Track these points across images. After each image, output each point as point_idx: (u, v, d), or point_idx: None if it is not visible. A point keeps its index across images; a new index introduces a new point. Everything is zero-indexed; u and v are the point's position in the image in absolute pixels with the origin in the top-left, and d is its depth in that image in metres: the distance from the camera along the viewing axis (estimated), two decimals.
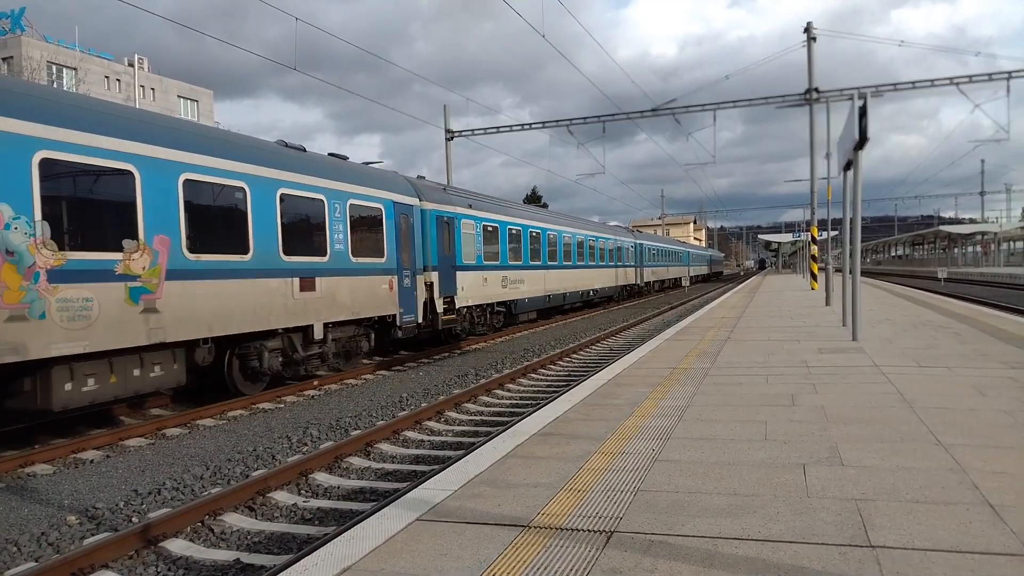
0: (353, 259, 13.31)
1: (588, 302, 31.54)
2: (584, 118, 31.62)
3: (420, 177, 18.33)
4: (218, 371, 11.02)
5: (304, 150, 13.00)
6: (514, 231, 22.11)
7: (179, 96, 60.67)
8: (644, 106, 30.39)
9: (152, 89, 58.40)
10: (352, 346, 13.75)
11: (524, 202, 47.52)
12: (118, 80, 56.06)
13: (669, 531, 3.58)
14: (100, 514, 6.30)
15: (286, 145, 12.68)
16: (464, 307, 18.06)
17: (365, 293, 13.65)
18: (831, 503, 3.88)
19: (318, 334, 12.33)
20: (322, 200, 12.61)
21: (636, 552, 3.34)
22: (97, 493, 6.88)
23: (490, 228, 20.10)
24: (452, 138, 32.74)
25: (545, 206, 61.24)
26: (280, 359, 11.78)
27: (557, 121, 32.10)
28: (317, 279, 12.25)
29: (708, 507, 3.91)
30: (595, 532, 3.61)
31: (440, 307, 16.54)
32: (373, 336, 14.36)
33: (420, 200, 16.14)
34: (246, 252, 10.80)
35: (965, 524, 3.52)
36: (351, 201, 13.41)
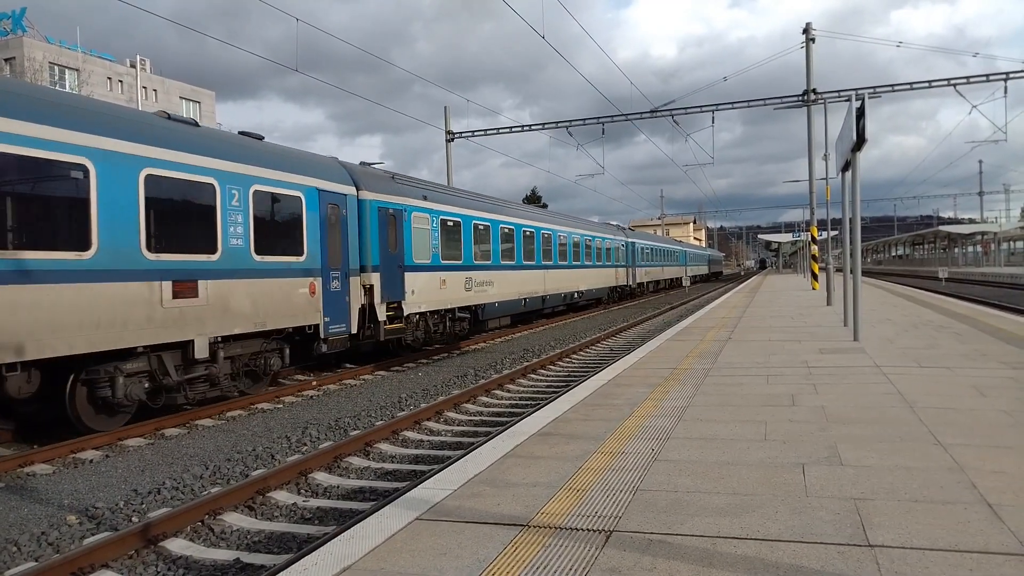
0: (257, 257, 10.90)
1: (572, 305, 29.28)
2: (583, 119, 31.70)
3: (362, 163, 15.90)
4: (63, 401, 8.75)
5: (196, 124, 10.77)
6: (481, 227, 19.57)
7: (181, 97, 60.78)
8: (644, 107, 30.44)
9: (154, 90, 58.52)
10: (258, 364, 11.38)
11: (524, 202, 46.34)
12: (120, 81, 56.16)
13: (668, 530, 3.59)
14: (100, 514, 6.31)
15: (168, 117, 10.34)
16: (415, 314, 15.63)
17: (275, 299, 11.24)
18: (830, 502, 3.89)
19: (202, 351, 9.89)
20: (212, 184, 10.19)
21: (635, 551, 3.34)
22: (97, 493, 6.88)
23: (451, 223, 17.70)
24: (452, 139, 32.77)
25: (545, 206, 60.93)
26: (146, 385, 9.36)
27: (556, 122, 32.17)
28: (201, 282, 9.84)
29: (707, 506, 3.91)
30: (594, 531, 3.62)
31: (383, 314, 14.09)
32: (288, 351, 11.92)
33: (358, 189, 13.81)
34: (86, 248, 8.44)
35: (963, 523, 3.53)
36: (256, 187, 10.99)
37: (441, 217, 17.19)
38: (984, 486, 4.07)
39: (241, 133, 12.12)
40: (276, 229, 11.63)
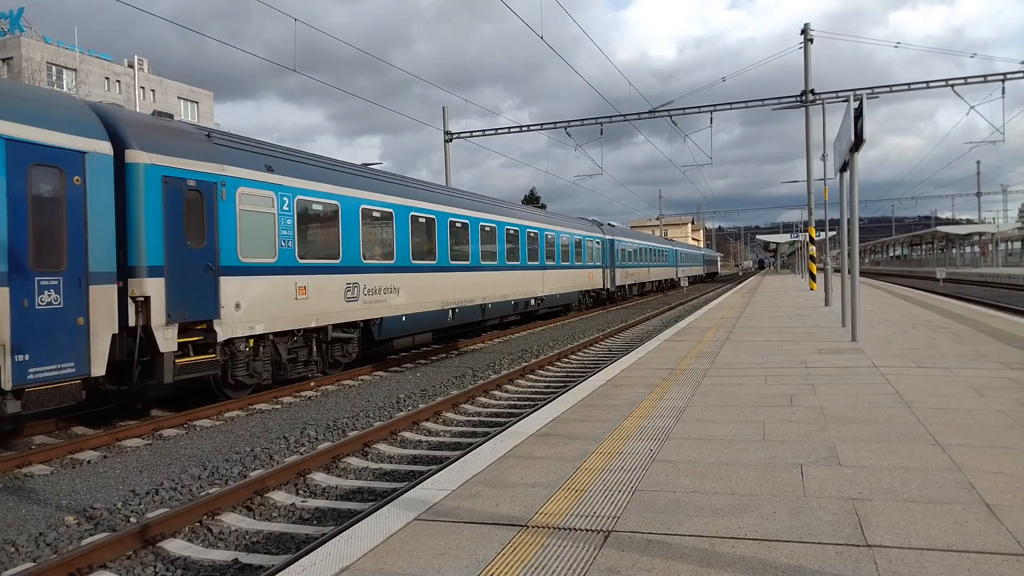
0: None
1: (530, 314, 24.43)
2: (581, 120, 31.71)
3: (157, 113, 10.58)
4: None
5: None
6: (377, 214, 14.49)
7: (179, 97, 60.73)
8: (643, 108, 30.47)
9: (152, 90, 58.45)
10: None
11: (523, 203, 44.58)
12: (118, 81, 56.11)
13: (667, 531, 3.59)
14: (98, 514, 6.30)
15: None
16: (247, 337, 10.94)
17: None
18: (828, 503, 3.89)
19: None
20: None
21: (634, 551, 3.34)
22: (95, 493, 6.88)
23: (318, 206, 12.71)
24: (451, 140, 32.78)
25: (543, 207, 60.72)
26: None
27: (555, 123, 32.18)
28: None
29: (706, 507, 3.91)
30: (593, 532, 3.62)
31: (169, 343, 9.46)
32: None
33: (121, 146, 9.05)
34: None
35: (961, 523, 3.53)
36: None
37: (300, 197, 12.22)
38: (982, 486, 4.08)
39: None
40: None
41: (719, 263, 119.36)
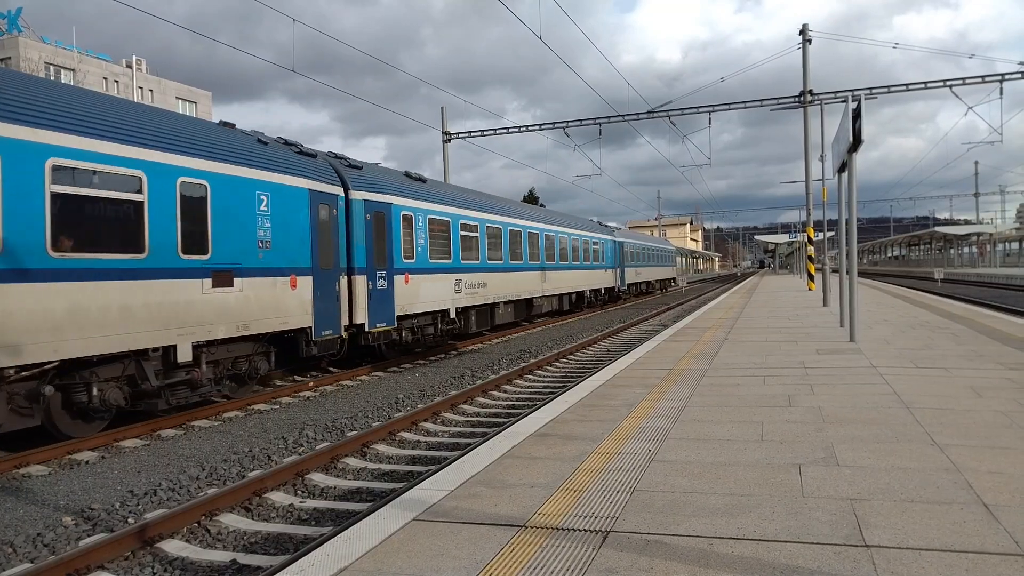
0: None
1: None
2: (580, 120, 31.73)
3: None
4: None
5: None
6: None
7: (177, 98, 60.67)
8: (644, 110, 30.44)
9: (151, 90, 58.40)
10: None
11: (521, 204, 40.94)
12: (116, 81, 56.04)
13: (665, 531, 3.59)
14: (96, 515, 6.29)
15: None
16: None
17: None
18: (826, 503, 3.89)
19: None
20: None
21: (632, 552, 3.34)
22: (93, 494, 6.87)
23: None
24: (450, 140, 32.79)
25: (543, 207, 60.36)
26: None
27: (553, 124, 32.20)
28: None
29: (704, 507, 3.91)
30: (591, 532, 3.62)
31: None
32: None
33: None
34: None
35: (960, 524, 3.53)
36: None
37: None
38: (980, 486, 4.08)
39: None
40: None
41: (713, 263, 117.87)
